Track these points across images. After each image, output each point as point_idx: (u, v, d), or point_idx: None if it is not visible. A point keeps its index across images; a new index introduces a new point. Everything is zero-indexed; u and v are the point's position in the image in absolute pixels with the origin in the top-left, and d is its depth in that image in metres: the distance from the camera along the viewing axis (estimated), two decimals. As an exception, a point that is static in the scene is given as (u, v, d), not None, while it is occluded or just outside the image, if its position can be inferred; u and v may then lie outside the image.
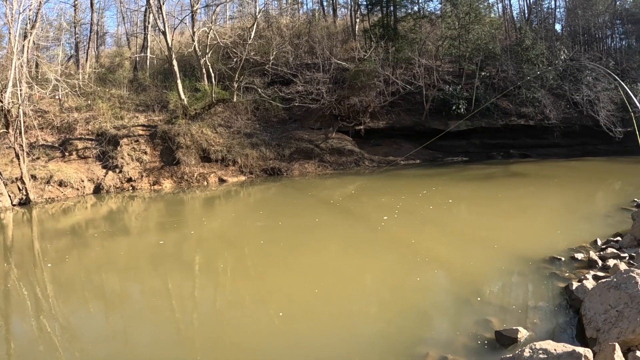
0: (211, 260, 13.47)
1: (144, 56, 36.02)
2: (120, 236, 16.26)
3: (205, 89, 32.69)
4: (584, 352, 5.76)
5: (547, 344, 6.06)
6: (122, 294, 10.91)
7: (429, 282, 10.95)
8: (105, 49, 44.08)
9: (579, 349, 5.81)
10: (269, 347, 7.67)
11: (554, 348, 5.92)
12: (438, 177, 28.19)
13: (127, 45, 43.25)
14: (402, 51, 37.42)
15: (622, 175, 28.18)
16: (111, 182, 25.75)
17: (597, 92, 36.71)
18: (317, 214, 19.03)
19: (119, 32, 48.91)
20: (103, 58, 38.91)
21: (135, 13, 44.07)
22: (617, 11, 45.44)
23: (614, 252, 11.51)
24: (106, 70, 34.51)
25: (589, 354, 5.78)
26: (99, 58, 38.16)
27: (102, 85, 32.07)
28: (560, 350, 5.85)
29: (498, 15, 47.60)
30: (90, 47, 35.84)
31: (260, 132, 32.74)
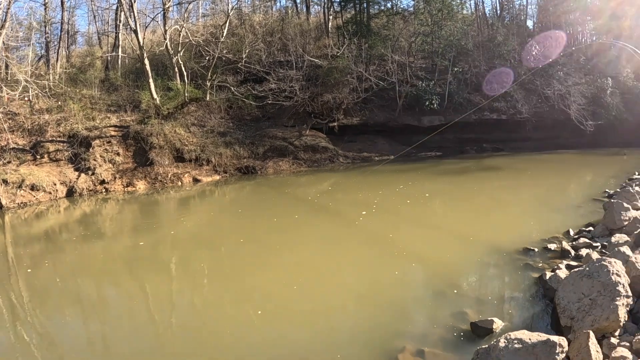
0: (188, 262, 13.33)
1: (115, 55, 35.49)
2: (95, 240, 15.94)
3: (177, 88, 32.36)
4: (558, 340, 5.81)
5: (522, 333, 6.11)
6: (99, 299, 10.73)
7: (406, 276, 10.99)
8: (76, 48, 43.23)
9: (553, 338, 5.86)
10: (249, 347, 7.64)
11: (529, 337, 5.97)
12: (413, 172, 28.31)
13: (99, 45, 42.51)
14: (375, 48, 37.53)
15: (593, 167, 28.64)
16: (84, 185, 25.20)
17: (568, 87, 37.31)
18: (293, 212, 18.98)
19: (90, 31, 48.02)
20: (74, 58, 38.18)
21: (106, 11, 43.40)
22: (587, 8, 46.18)
23: (586, 241, 11.68)
24: (77, 70, 33.85)
25: (563, 342, 5.84)
26: (69, 58, 37.39)
27: (73, 85, 31.44)
28: (535, 340, 5.90)
29: (470, 12, 47.99)
30: (60, 46, 35.06)
31: (233, 131, 32.51)
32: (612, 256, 8.48)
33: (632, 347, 6.04)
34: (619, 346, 6.13)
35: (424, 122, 36.16)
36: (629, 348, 6.05)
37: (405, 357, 6.77)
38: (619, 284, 6.95)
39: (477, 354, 6.19)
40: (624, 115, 37.99)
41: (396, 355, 6.88)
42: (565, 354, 5.86)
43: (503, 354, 5.87)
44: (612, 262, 7.45)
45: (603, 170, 26.45)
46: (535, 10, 50.22)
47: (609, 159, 31.37)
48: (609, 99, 37.97)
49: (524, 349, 5.83)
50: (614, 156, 32.33)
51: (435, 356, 6.83)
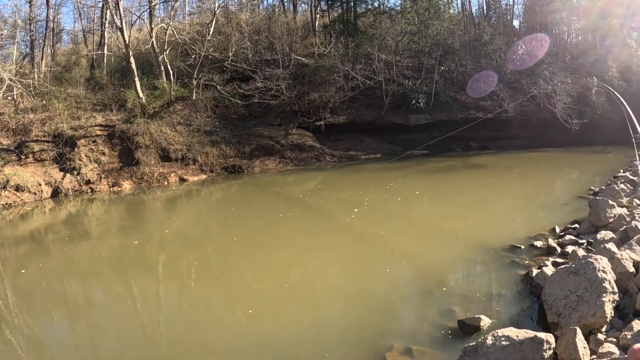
0: (175, 262, 13.23)
1: (101, 54, 35.16)
2: (81, 241, 15.77)
3: (163, 87, 32.14)
4: (545, 337, 5.82)
5: (509, 330, 6.11)
6: (87, 301, 10.62)
7: (394, 275, 10.99)
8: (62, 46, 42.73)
9: (540, 335, 5.87)
10: (238, 347, 7.59)
11: (516, 335, 5.97)
12: (400, 171, 28.34)
13: (84, 43, 42.06)
14: (361, 46, 37.58)
15: (578, 165, 28.87)
16: (69, 185, 24.88)
17: (553, 86, 37.54)
18: (280, 211, 18.91)
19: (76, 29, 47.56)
20: (59, 56, 37.70)
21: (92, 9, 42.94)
22: (573, 8, 46.56)
23: (572, 238, 11.75)
24: (62, 69, 33.45)
25: (550, 339, 5.84)
26: (55, 56, 36.93)
27: (58, 84, 31.06)
28: (522, 337, 5.90)
29: (457, 11, 48.24)
30: (45, 45, 34.59)
31: (220, 130, 32.35)
32: (598, 253, 8.52)
33: (619, 342, 6.06)
34: (606, 342, 6.16)
35: (410, 120, 36.27)
36: (615, 344, 6.07)
37: (393, 356, 6.76)
38: (605, 281, 6.98)
39: (465, 351, 6.19)
40: (609, 114, 38.25)
41: (384, 353, 6.86)
42: (552, 350, 5.86)
43: (491, 351, 5.87)
44: (598, 259, 7.48)
45: (588, 168, 26.67)
46: (521, 10, 50.63)
47: (594, 157, 31.63)
48: (594, 98, 38.27)
49: (511, 346, 5.83)
50: (599, 154, 32.60)
51: (423, 354, 6.82)
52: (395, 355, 6.76)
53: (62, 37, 45.16)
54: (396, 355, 6.76)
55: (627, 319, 6.84)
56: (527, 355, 5.74)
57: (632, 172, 20.97)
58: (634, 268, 8.03)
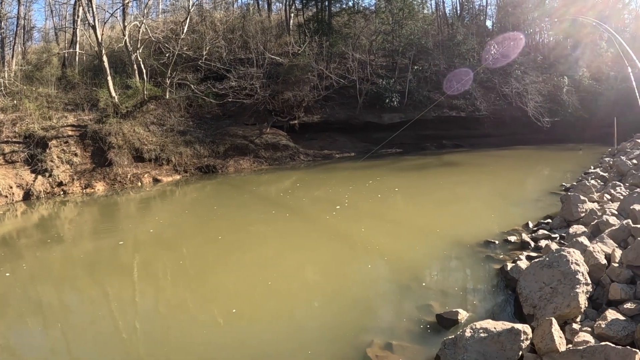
0: (150, 264, 13.04)
1: (73, 52, 34.53)
2: (54, 245, 15.37)
3: (136, 86, 31.78)
4: (522, 328, 5.92)
5: (487, 323, 6.19)
6: (61, 306, 10.34)
7: (373, 271, 11.04)
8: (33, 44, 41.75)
9: (517, 326, 5.97)
10: (216, 349, 7.52)
11: (494, 326, 6.06)
12: (375, 169, 28.52)
13: (56, 41, 41.31)
14: (336, 46, 37.72)
15: (550, 162, 29.33)
16: (41, 188, 24.30)
17: (525, 85, 38.17)
18: (255, 211, 18.87)
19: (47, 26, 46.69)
20: (30, 54, 36.86)
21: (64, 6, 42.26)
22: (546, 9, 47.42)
23: (545, 233, 11.94)
24: (33, 68, 32.73)
25: (527, 330, 5.95)
26: (25, 54, 36.12)
27: (29, 83, 30.39)
28: (500, 328, 5.99)
29: (431, 11, 48.73)
30: (16, 42, 34.00)
31: (194, 129, 32.13)
32: (571, 246, 8.66)
33: (594, 331, 6.19)
34: (581, 331, 6.27)
35: (384, 119, 36.51)
36: (590, 333, 6.19)
37: (374, 351, 6.79)
38: (578, 273, 7.10)
39: (444, 344, 6.25)
40: (580, 112, 39.09)
41: (364, 349, 6.89)
42: (529, 340, 5.96)
43: (469, 343, 5.94)
44: (571, 252, 7.61)
45: (560, 165, 27.10)
46: (494, 11, 51.33)
47: (565, 154, 32.17)
48: (565, 97, 39.04)
49: (489, 337, 5.91)
50: (570, 151, 33.15)
51: (403, 349, 6.86)
52: (376, 351, 6.79)
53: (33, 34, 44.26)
54: (377, 351, 6.79)
55: (601, 309, 6.99)
56: (505, 346, 5.83)
57: (602, 168, 21.35)
58: (605, 260, 8.19)
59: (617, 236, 9.28)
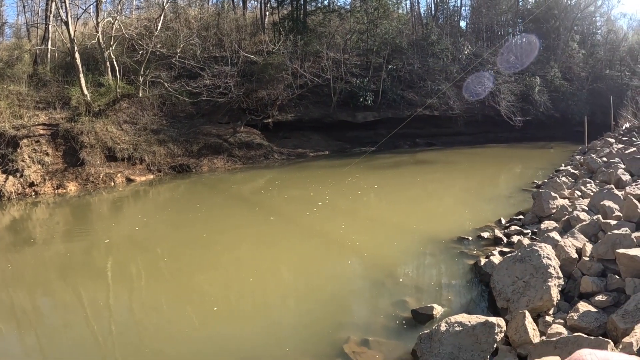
0: (124, 266, 12.83)
1: (45, 49, 33.89)
2: (25, 247, 15.14)
3: (109, 84, 31.35)
4: (496, 321, 6.01)
5: (462, 317, 6.27)
6: (34, 311, 10.12)
7: (347, 269, 11.12)
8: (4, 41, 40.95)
9: (491, 319, 6.05)
10: (191, 349, 7.44)
11: (468, 320, 6.13)
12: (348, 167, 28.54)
13: (27, 37, 40.44)
14: (310, 44, 37.73)
15: (521, 159, 29.75)
16: (12, 188, 23.67)
17: (498, 85, 38.64)
18: (229, 210, 18.83)
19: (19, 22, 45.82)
20: (1, 51, 36.07)
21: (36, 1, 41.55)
22: (519, 10, 48.25)
23: (517, 229, 12.14)
24: (4, 65, 32.08)
25: (501, 323, 6.04)
26: (-4, 51, 35.52)
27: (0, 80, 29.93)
28: (474, 322, 6.07)
29: (406, 11, 49.00)
30: (-13, 39, 33.30)
31: (167, 128, 31.84)
32: (543, 241, 8.82)
33: (566, 323, 6.31)
34: (554, 323, 6.39)
35: (358, 118, 36.69)
36: (563, 324, 6.31)
37: (351, 347, 6.82)
38: (550, 267, 7.23)
39: (420, 339, 6.31)
40: (551, 111, 39.76)
41: (341, 345, 6.92)
42: (503, 333, 6.06)
43: (445, 337, 6.01)
44: (543, 247, 7.75)
45: (531, 162, 27.52)
46: (468, 11, 51.92)
47: (537, 152, 32.67)
48: (537, 97, 39.68)
49: (464, 331, 5.99)
50: (541, 149, 33.68)
51: (379, 344, 6.91)
52: (353, 347, 6.83)
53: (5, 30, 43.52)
54: (353, 347, 6.83)
55: (573, 301, 7.14)
56: (479, 339, 5.91)
57: (573, 165, 21.69)
58: (576, 254, 8.36)
59: (587, 231, 9.49)
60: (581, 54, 45.79)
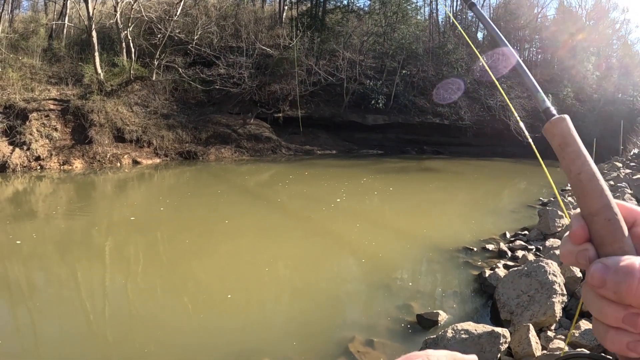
0: (122, 247, 12.79)
1: (61, 24, 33.98)
2: (26, 220, 15.11)
3: (123, 65, 31.42)
4: (502, 331, 6.04)
5: (468, 325, 6.29)
6: (29, 284, 10.07)
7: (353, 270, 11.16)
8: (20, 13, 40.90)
9: (497, 329, 6.08)
10: (182, 338, 7.32)
11: (475, 328, 6.17)
12: (355, 169, 28.65)
13: (44, 11, 40.54)
14: (327, 42, 37.82)
15: (527, 176, 29.64)
16: (18, 161, 23.80)
17: (510, 99, 38.60)
18: (233, 201, 18.77)
19: (37, -5, 45.77)
20: (17, 23, 36.03)
21: (55, -25, 41.52)
22: (537, 27, 48.17)
23: (522, 244, 12.17)
24: (19, 37, 32.11)
25: (506, 334, 6.08)
26: (12, 23, 35.34)
27: (14, 52, 29.72)
28: (480, 331, 6.11)
29: (424, 18, 48.99)
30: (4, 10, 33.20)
31: (177, 114, 31.94)
32: (548, 258, 8.84)
33: (567, 340, 6.36)
34: (555, 339, 6.43)
35: (368, 120, 36.75)
36: (564, 341, 6.36)
37: (356, 347, 6.83)
38: (555, 283, 7.26)
39: (426, 343, 6.34)
40: (560, 130, 39.63)
41: (346, 344, 6.93)
42: (507, 344, 6.09)
43: (451, 343, 6.04)
44: (549, 263, 7.78)
45: (537, 179, 27.40)
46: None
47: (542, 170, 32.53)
48: (548, 114, 39.52)
49: (470, 339, 6.02)
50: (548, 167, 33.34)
51: (384, 346, 6.92)
52: (357, 346, 6.83)
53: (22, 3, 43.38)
54: (358, 346, 6.84)
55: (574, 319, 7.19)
56: (484, 348, 5.94)
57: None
58: (580, 274, 8.41)
59: None
60: (595, 75, 45.65)
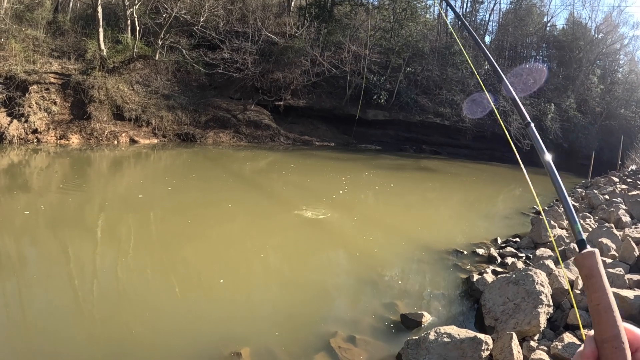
0: (114, 226, 12.70)
1: (67, -3, 33.84)
2: (19, 193, 15.07)
3: (127, 42, 31.24)
4: (484, 338, 6.02)
5: (451, 328, 6.27)
6: (18, 257, 9.98)
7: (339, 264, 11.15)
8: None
9: (480, 336, 6.06)
10: (169, 321, 7.29)
11: (457, 333, 6.14)
12: (352, 162, 28.68)
13: (51, -17, 40.27)
14: (333, 34, 37.68)
15: (523, 183, 29.52)
16: (15, 132, 23.70)
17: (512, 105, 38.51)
18: (227, 186, 18.76)
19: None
20: (23, -7, 35.94)
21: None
22: (545, 35, 48.04)
23: (512, 251, 12.16)
24: (24, 8, 31.76)
25: (489, 341, 6.05)
26: (18, -7, 35.16)
27: (18, 23, 29.40)
28: (463, 336, 6.08)
29: (433, 17, 48.77)
30: (10, -20, 32.91)
31: (178, 95, 31.81)
32: (537, 267, 8.82)
33: (550, 351, 6.32)
34: (538, 349, 6.40)
35: (368, 115, 36.64)
36: (546, 352, 6.32)
37: (337, 342, 6.80)
38: (542, 293, 7.24)
39: (408, 344, 6.32)
40: (560, 140, 39.56)
41: (328, 339, 6.90)
42: (489, 351, 6.07)
43: (432, 346, 6.02)
44: (538, 273, 7.77)
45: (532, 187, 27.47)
46: (495, 27, 51.76)
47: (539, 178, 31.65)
48: (549, 124, 39.45)
49: (452, 343, 6.00)
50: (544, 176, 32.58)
51: (366, 343, 6.89)
52: (339, 342, 6.80)
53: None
54: (339, 342, 6.81)
55: (558, 330, 7.16)
56: (466, 353, 5.92)
57: (574, 198, 21.68)
58: (569, 286, 8.38)
59: None
60: (599, 88, 45.57)
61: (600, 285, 1.09)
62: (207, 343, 6.64)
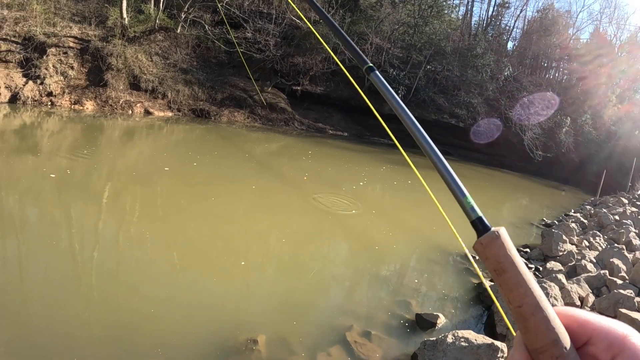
0: (120, 195, 12.63)
1: (94, -40, 33.56)
2: (28, 154, 14.94)
3: (149, 13, 31.04)
4: (500, 346, 5.98)
5: (469, 333, 6.23)
6: (21, 218, 9.94)
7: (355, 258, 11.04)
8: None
9: (497, 343, 6.02)
10: (166, 295, 7.21)
11: (475, 338, 6.10)
12: (364, 154, 28.60)
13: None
14: (357, 24, 37.47)
15: (530, 193, 29.60)
16: (30, 94, 23.54)
17: (528, 114, 38.34)
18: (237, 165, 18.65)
19: None
20: (47, -45, 35.76)
21: None
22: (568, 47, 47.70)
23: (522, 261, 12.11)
24: (48, -33, 31.79)
25: (505, 349, 6.01)
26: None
27: (40, -17, 29.44)
28: (480, 341, 6.04)
29: (458, 17, 48.48)
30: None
31: (196, 70, 31.66)
32: (550, 281, 8.79)
33: None
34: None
35: (384, 109, 35.39)
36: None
37: (353, 336, 6.76)
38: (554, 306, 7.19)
39: (424, 344, 6.28)
40: (572, 154, 39.38)
41: (344, 332, 6.86)
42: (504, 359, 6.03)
43: (450, 349, 5.98)
44: (552, 286, 7.74)
45: (539, 198, 27.42)
46: (519, 34, 51.47)
47: (547, 190, 32.50)
48: (563, 137, 39.24)
49: (469, 347, 5.95)
50: (552, 189, 33.50)
51: (380, 340, 6.85)
52: (355, 336, 6.77)
53: None
54: (355, 336, 6.77)
55: (569, 345, 7.13)
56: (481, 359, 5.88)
57: (582, 214, 21.57)
58: (579, 302, 8.38)
59: (592, 282, 9.63)
60: (616, 107, 45.27)
61: (518, 279, 0.81)
62: (223, 326, 6.60)
